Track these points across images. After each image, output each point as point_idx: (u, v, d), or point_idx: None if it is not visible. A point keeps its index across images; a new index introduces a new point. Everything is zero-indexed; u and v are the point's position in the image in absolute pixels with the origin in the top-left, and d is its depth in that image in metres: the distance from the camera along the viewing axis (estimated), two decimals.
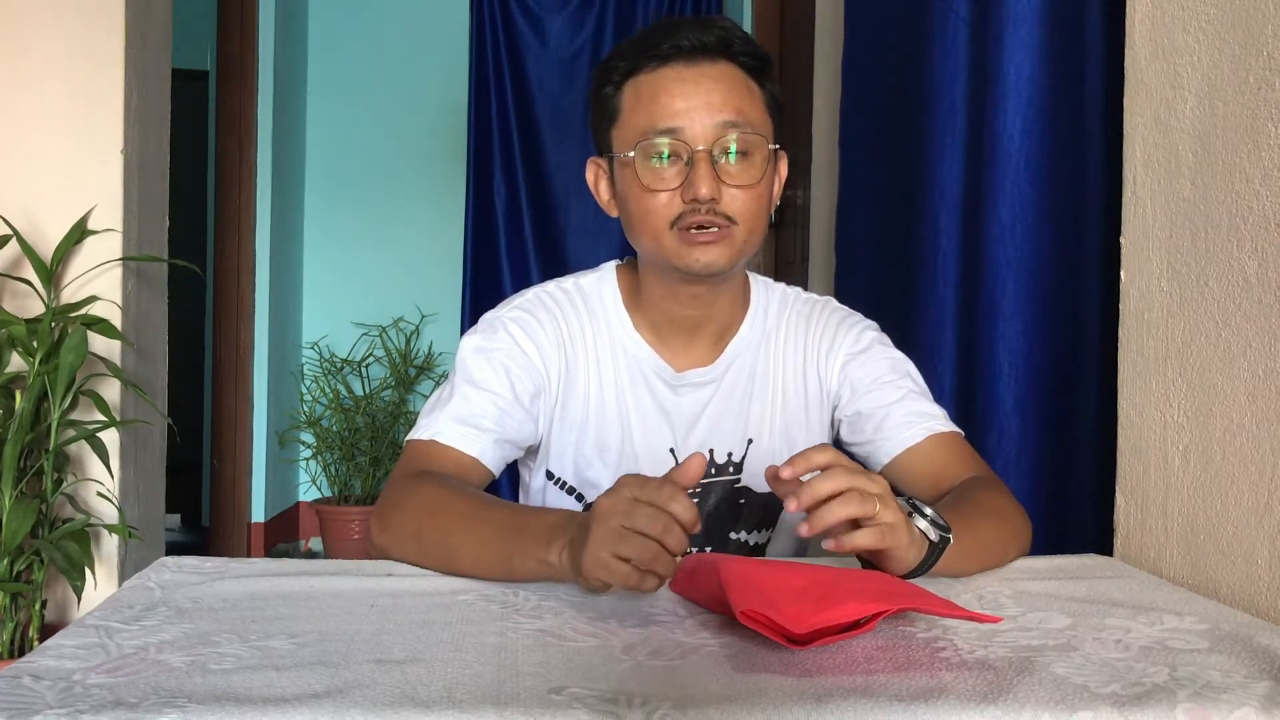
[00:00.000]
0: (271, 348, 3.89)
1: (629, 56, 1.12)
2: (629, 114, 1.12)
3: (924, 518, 0.92)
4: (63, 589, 2.07)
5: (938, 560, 0.93)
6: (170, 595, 0.87)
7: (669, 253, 1.11)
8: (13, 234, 2.01)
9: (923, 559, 0.92)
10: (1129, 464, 1.21)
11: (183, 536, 4.25)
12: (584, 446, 1.20)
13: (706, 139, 1.08)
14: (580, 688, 0.66)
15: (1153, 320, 1.16)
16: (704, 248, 1.09)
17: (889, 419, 1.19)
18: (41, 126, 2.12)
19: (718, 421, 1.22)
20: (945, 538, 0.93)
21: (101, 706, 0.61)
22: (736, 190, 1.09)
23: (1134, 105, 1.21)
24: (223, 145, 3.81)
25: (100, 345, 2.06)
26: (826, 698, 0.64)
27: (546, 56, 4.11)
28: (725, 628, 0.80)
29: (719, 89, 1.09)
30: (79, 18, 2.13)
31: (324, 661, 0.70)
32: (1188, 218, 1.10)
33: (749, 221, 1.10)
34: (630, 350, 1.21)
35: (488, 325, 1.20)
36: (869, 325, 1.28)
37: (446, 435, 1.11)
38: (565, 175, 4.11)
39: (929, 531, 0.92)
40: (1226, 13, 1.04)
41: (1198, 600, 0.93)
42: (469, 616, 0.83)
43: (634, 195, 1.12)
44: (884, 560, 0.92)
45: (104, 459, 1.97)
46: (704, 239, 1.09)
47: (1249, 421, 0.99)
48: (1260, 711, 0.65)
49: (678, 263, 1.11)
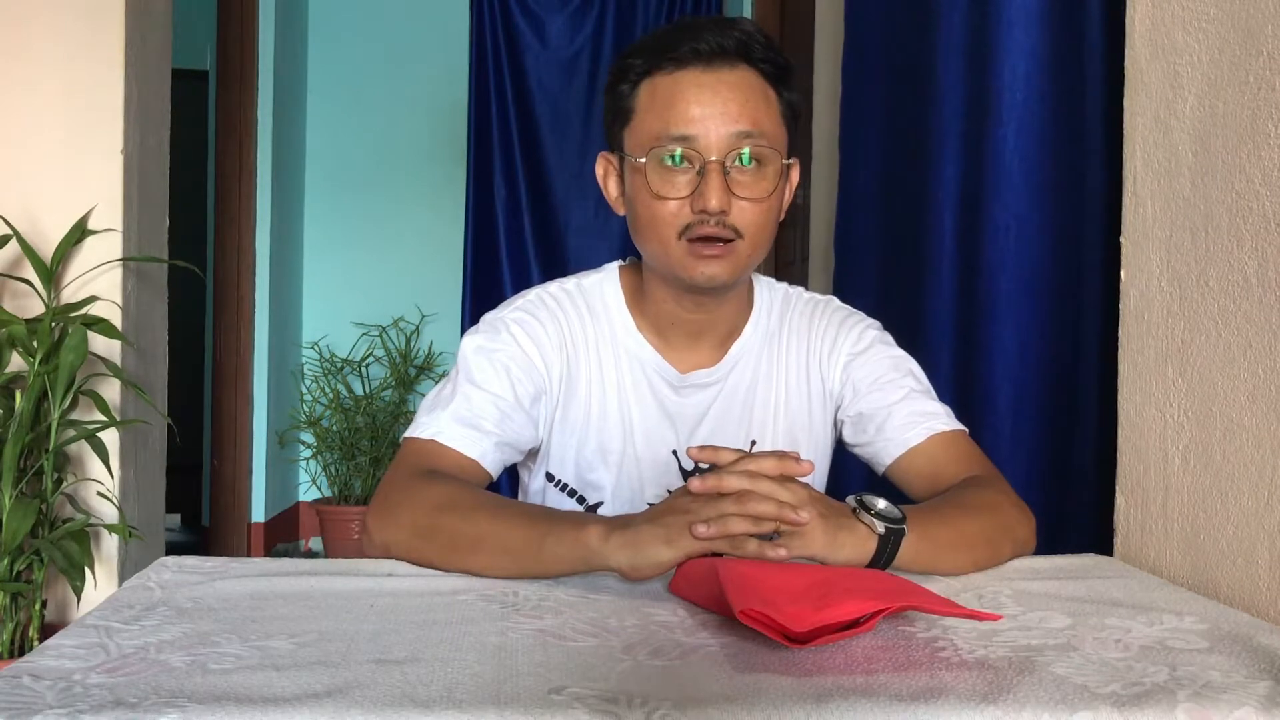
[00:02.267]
0: (271, 348, 3.89)
1: (647, 56, 1.11)
2: (643, 116, 1.11)
3: (869, 512, 0.94)
4: (63, 589, 2.07)
5: (895, 552, 0.94)
6: (170, 595, 0.87)
7: (674, 263, 1.11)
8: (13, 234, 2.01)
9: (875, 554, 0.94)
10: (1129, 464, 1.21)
11: (183, 536, 4.25)
12: (585, 448, 1.20)
13: (720, 149, 1.07)
14: (580, 688, 0.66)
15: (1153, 320, 1.16)
16: (708, 261, 1.09)
17: (891, 419, 1.19)
18: (41, 126, 2.12)
19: (721, 423, 1.21)
20: (894, 529, 0.94)
21: (101, 706, 0.61)
22: (746, 203, 1.08)
23: (1134, 105, 1.21)
24: (223, 145, 3.81)
25: (100, 345, 2.06)
26: (826, 698, 0.64)
27: (546, 56, 4.11)
28: (725, 628, 0.80)
29: (735, 97, 1.08)
30: (79, 18, 2.13)
31: (324, 661, 0.70)
32: (1188, 218, 1.10)
33: (755, 235, 1.10)
34: (633, 351, 1.21)
35: (490, 325, 1.19)
36: (871, 324, 1.28)
37: (447, 436, 1.11)
38: (565, 175, 4.11)
39: (874, 525, 0.94)
40: (1226, 13, 1.04)
41: (1198, 600, 0.93)
42: (469, 616, 0.83)
43: (643, 200, 1.11)
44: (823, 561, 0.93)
45: (104, 459, 1.97)
46: (709, 253, 1.09)
47: (1249, 421, 0.99)
48: (1260, 711, 0.65)
49: (681, 274, 1.11)
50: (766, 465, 0.91)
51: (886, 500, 0.96)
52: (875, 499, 0.95)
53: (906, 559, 0.95)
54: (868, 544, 0.93)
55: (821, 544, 0.92)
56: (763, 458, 0.91)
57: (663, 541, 0.88)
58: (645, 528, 0.89)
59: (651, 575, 0.89)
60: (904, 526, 0.94)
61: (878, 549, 0.94)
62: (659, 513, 0.91)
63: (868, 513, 0.94)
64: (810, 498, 0.92)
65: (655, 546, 0.88)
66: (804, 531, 0.90)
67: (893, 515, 0.94)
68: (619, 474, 1.19)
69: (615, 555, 0.89)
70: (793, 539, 0.91)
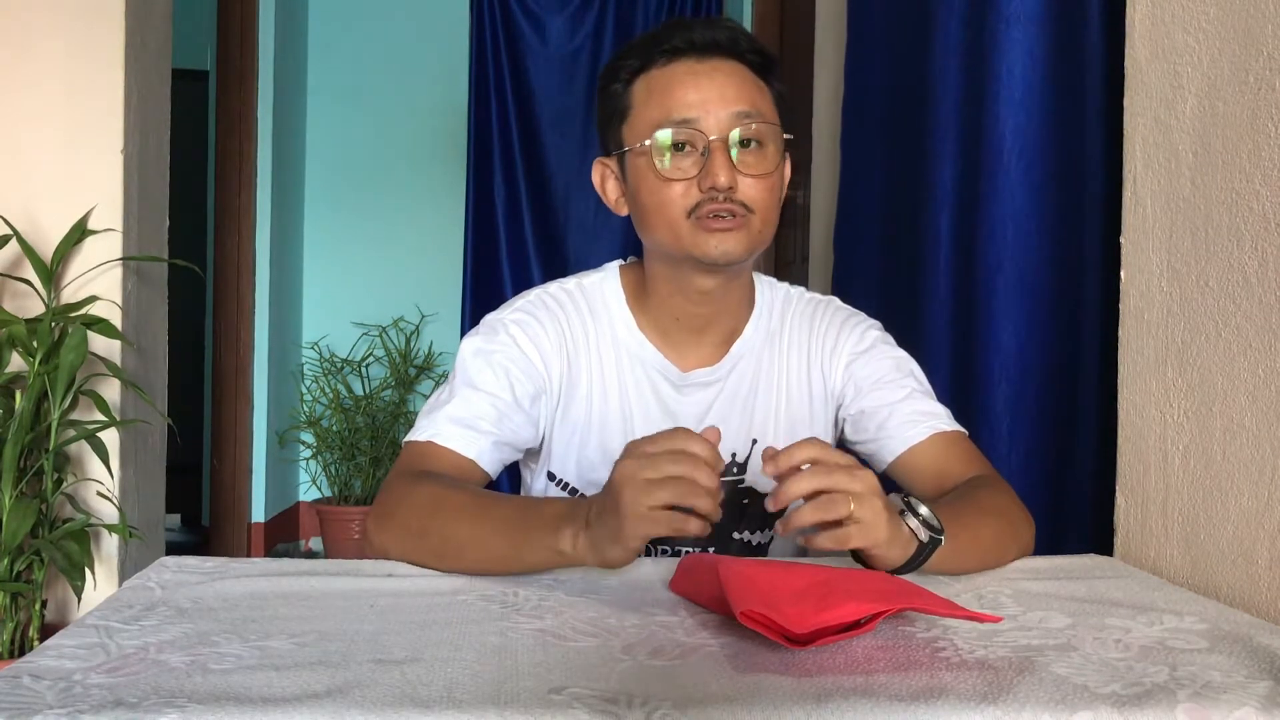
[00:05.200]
0: (271, 348, 3.89)
1: (639, 54, 1.13)
2: (642, 108, 1.12)
3: (916, 517, 0.93)
4: (63, 589, 2.07)
5: (927, 559, 0.93)
6: (170, 595, 0.87)
7: (686, 242, 1.11)
8: (13, 234, 2.01)
9: (910, 557, 0.92)
10: (1129, 464, 1.21)
11: (183, 536, 4.25)
12: (587, 448, 1.20)
13: (721, 129, 1.09)
14: (580, 688, 0.66)
15: (1153, 320, 1.16)
16: (721, 235, 1.09)
17: (892, 418, 1.19)
18: (41, 126, 2.12)
19: (722, 422, 1.21)
20: (935, 539, 0.93)
21: (101, 706, 0.61)
22: (752, 179, 1.09)
23: (1134, 105, 1.21)
24: (223, 145, 3.81)
25: (100, 345, 2.05)
26: (826, 698, 0.64)
27: (546, 56, 4.11)
28: (725, 628, 0.80)
29: (732, 82, 1.11)
30: (79, 18, 2.13)
31: (324, 661, 0.70)
32: (1188, 218, 1.10)
33: (764, 211, 1.11)
34: (634, 350, 1.21)
35: (489, 327, 1.20)
36: (872, 324, 1.28)
37: (444, 437, 1.11)
38: (565, 175, 4.11)
39: (919, 531, 0.92)
40: (1226, 13, 1.04)
41: (1198, 600, 0.93)
42: (469, 616, 0.83)
43: (649, 186, 1.12)
44: (867, 558, 0.92)
45: (104, 459, 1.97)
46: (721, 226, 1.09)
47: (1249, 421, 0.99)
48: (1260, 711, 0.65)
49: (695, 251, 1.11)
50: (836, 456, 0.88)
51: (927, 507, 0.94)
52: (918, 503, 0.94)
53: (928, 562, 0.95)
54: (909, 547, 0.92)
55: (885, 536, 0.88)
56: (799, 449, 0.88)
57: (610, 540, 0.86)
58: (596, 529, 0.88)
59: (623, 564, 0.89)
60: (943, 538, 0.93)
61: (915, 553, 0.93)
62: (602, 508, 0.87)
63: (915, 517, 0.92)
64: (879, 490, 0.89)
65: (610, 547, 0.87)
66: (873, 523, 0.87)
67: (935, 524, 0.93)
68: None
69: (585, 557, 0.90)
70: (861, 529, 0.87)
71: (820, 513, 0.86)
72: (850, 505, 0.86)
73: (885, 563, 0.91)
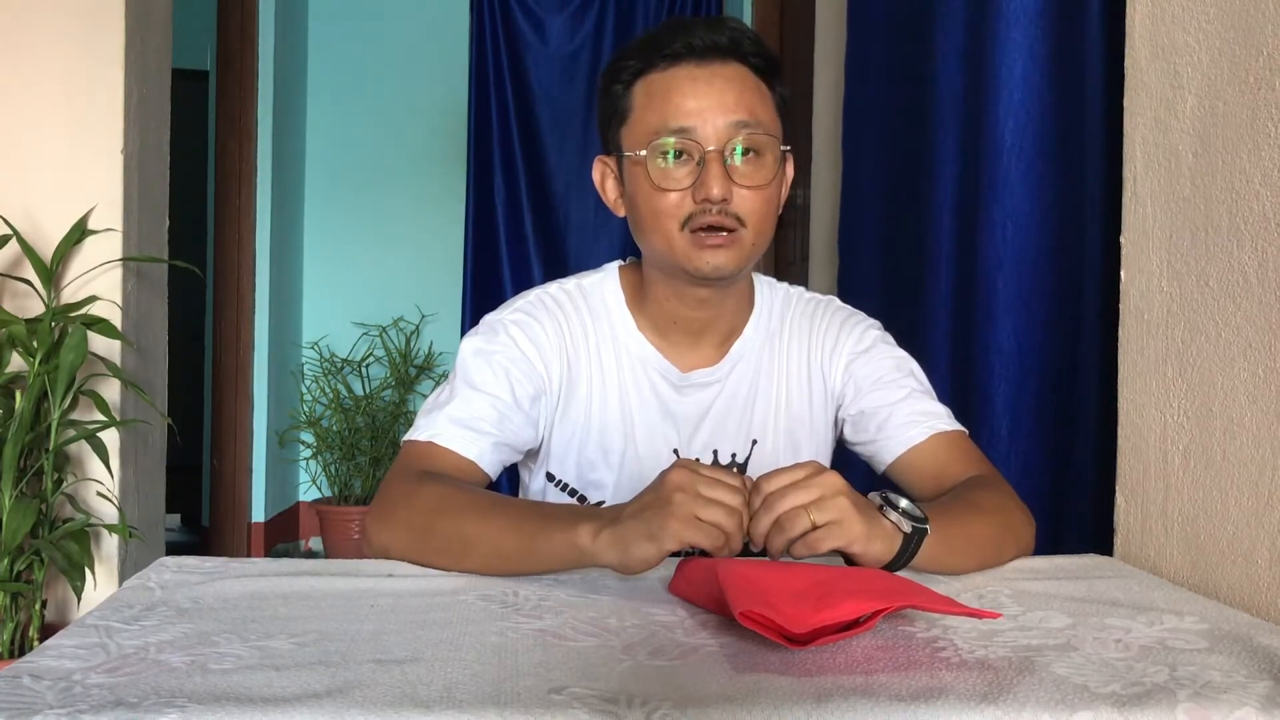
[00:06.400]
0: (271, 348, 3.89)
1: (640, 55, 1.12)
2: (640, 113, 1.12)
3: (895, 510, 0.93)
4: (63, 589, 2.07)
5: (916, 551, 0.93)
6: (170, 595, 0.87)
7: (679, 254, 1.11)
8: (13, 234, 2.01)
9: (898, 551, 0.92)
10: (1129, 464, 1.21)
11: (183, 536, 4.25)
12: (587, 449, 1.20)
13: (719, 139, 1.08)
14: (580, 688, 0.66)
15: (1153, 320, 1.16)
16: (713, 251, 1.09)
17: (892, 418, 1.19)
18: (41, 126, 2.12)
19: (722, 422, 1.21)
20: (920, 528, 0.93)
21: (101, 706, 0.61)
22: (747, 191, 1.09)
23: (1134, 105, 1.21)
24: (223, 145, 3.81)
25: (100, 345, 2.06)
26: (826, 698, 0.64)
27: (546, 56, 4.11)
28: (725, 628, 0.80)
29: (731, 89, 1.09)
30: (79, 18, 2.13)
31: (324, 661, 0.70)
32: (1188, 218, 1.10)
33: (758, 224, 1.11)
34: (634, 351, 1.21)
35: (488, 327, 1.20)
36: (872, 324, 1.28)
37: (444, 437, 1.11)
38: (565, 175, 4.11)
39: (900, 523, 0.92)
40: (1226, 13, 1.04)
41: (1198, 600, 0.93)
42: (469, 616, 0.83)
43: (644, 194, 1.11)
44: (853, 557, 0.92)
45: (104, 459, 1.97)
46: (714, 242, 1.09)
47: (1249, 421, 0.99)
48: (1260, 711, 0.65)
49: (687, 265, 1.11)
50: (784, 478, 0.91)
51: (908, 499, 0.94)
52: (898, 497, 0.94)
53: (920, 558, 0.95)
54: (893, 541, 0.92)
55: (860, 534, 0.89)
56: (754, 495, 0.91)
57: (645, 537, 0.87)
58: (629, 524, 0.88)
59: (642, 570, 0.89)
60: (928, 527, 0.93)
61: (901, 547, 0.93)
62: (643, 506, 0.89)
63: (894, 510, 0.93)
64: (844, 488, 0.90)
65: (640, 543, 0.87)
66: (841, 522, 0.88)
67: (916, 514, 0.93)
68: (620, 473, 1.19)
69: (605, 554, 0.89)
70: (829, 532, 0.88)
71: (784, 536, 0.88)
72: (809, 517, 0.87)
73: (872, 559, 0.91)
